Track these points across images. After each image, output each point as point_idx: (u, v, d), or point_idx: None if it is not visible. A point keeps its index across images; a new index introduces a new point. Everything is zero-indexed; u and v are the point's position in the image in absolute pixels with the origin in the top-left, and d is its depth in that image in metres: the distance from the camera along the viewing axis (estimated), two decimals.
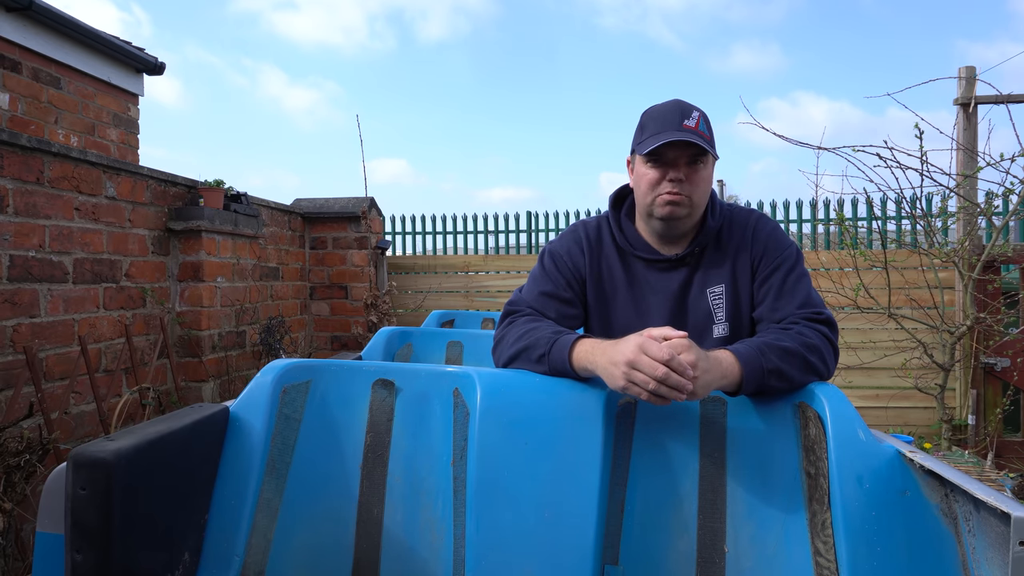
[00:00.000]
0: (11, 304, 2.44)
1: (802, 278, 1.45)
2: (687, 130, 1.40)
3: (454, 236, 6.21)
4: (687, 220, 1.47)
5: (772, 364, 1.24)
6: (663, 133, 1.40)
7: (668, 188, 1.43)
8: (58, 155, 2.66)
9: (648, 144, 1.41)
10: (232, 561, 1.21)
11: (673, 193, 1.42)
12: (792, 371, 1.26)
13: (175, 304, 3.42)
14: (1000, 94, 3.82)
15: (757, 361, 1.24)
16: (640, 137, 1.47)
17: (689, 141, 1.38)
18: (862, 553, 1.09)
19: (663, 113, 1.44)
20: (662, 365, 1.13)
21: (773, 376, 1.24)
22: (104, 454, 1.02)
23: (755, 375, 1.24)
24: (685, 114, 1.42)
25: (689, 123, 1.41)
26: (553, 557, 1.16)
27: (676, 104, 1.44)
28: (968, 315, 3.76)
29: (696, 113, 1.43)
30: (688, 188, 1.43)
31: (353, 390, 1.35)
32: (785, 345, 1.28)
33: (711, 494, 1.25)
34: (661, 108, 1.46)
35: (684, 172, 1.43)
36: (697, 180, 1.43)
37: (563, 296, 1.51)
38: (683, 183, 1.42)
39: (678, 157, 1.42)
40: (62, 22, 4.54)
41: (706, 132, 1.43)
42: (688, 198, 1.43)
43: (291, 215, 4.67)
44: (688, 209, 1.44)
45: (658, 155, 1.42)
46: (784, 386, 1.26)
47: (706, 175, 1.45)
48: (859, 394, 4.39)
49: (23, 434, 2.16)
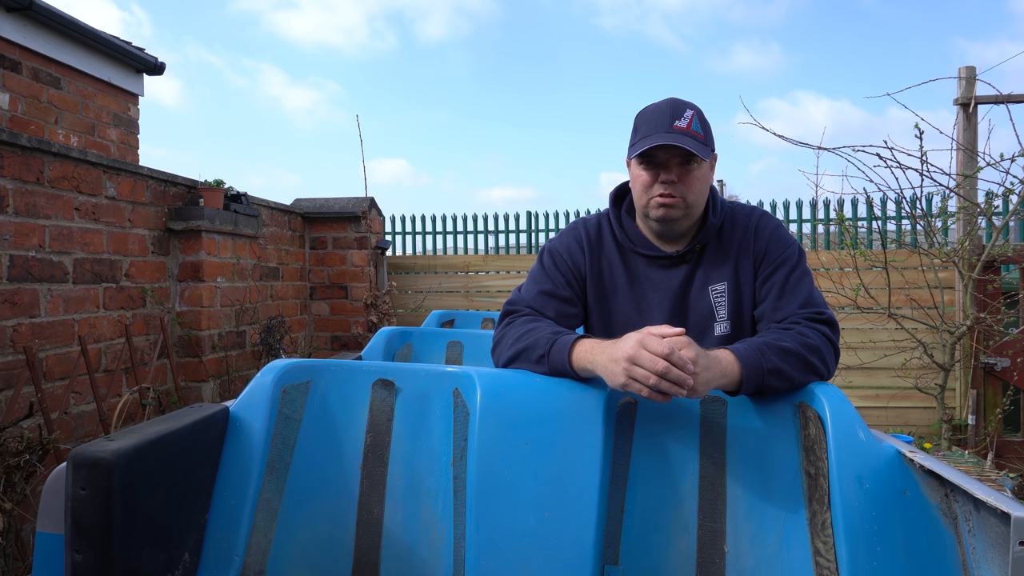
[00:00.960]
0: (11, 304, 2.44)
1: (804, 277, 1.44)
2: (677, 131, 1.39)
3: (454, 236, 6.21)
4: (684, 221, 1.46)
5: (772, 364, 1.24)
6: (653, 136, 1.39)
7: (660, 190, 1.42)
8: (58, 155, 2.66)
9: (638, 147, 1.41)
10: (232, 561, 1.21)
11: (665, 195, 1.41)
12: (792, 371, 1.26)
13: (175, 304, 3.43)
14: (1000, 94, 3.82)
15: (757, 361, 1.24)
16: (633, 139, 1.47)
17: (680, 145, 1.37)
18: (862, 553, 1.08)
19: (655, 114, 1.43)
20: (662, 360, 1.13)
21: (773, 376, 1.24)
22: (104, 454, 1.02)
23: (755, 374, 1.23)
24: (677, 114, 1.40)
25: (680, 123, 1.40)
26: (553, 557, 1.16)
27: (669, 104, 1.43)
28: (968, 315, 3.76)
29: (689, 112, 1.41)
30: (681, 189, 1.42)
31: (353, 390, 1.35)
32: (785, 345, 1.27)
33: (711, 494, 1.25)
34: (653, 108, 1.45)
35: (676, 173, 1.41)
36: (691, 180, 1.42)
37: (562, 295, 1.50)
38: (675, 184, 1.41)
39: (670, 158, 1.41)
40: (62, 22, 4.54)
41: (699, 131, 1.41)
42: (682, 199, 1.42)
43: (291, 215, 4.67)
44: (683, 210, 1.43)
45: (650, 157, 1.42)
46: (784, 386, 1.26)
47: (700, 174, 1.44)
48: (859, 394, 4.39)
49: (23, 434, 2.16)
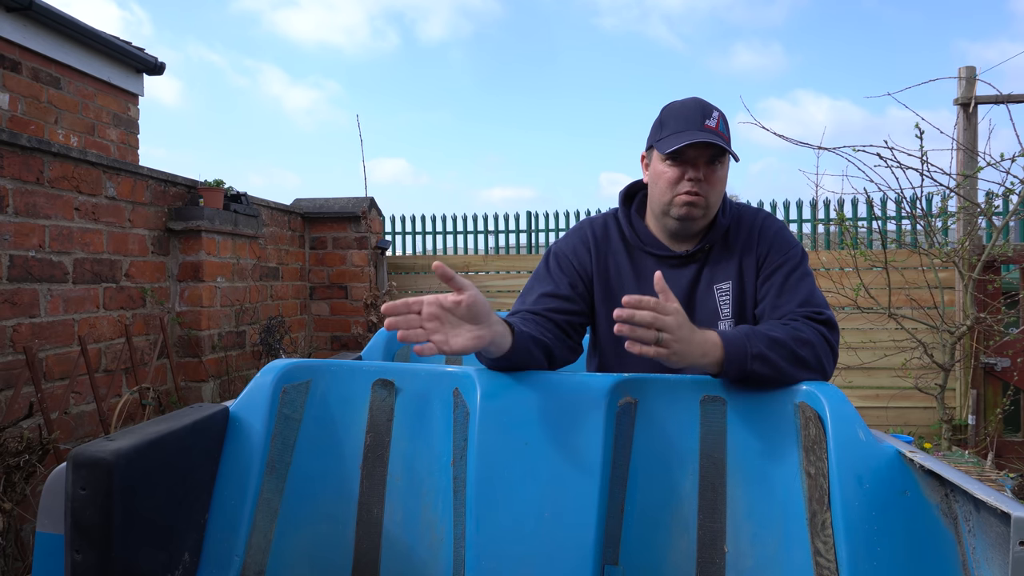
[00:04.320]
0: (11, 304, 2.44)
1: (805, 278, 1.44)
2: (709, 130, 1.40)
3: (454, 236, 6.21)
4: (702, 220, 1.47)
5: (756, 349, 1.22)
6: (686, 132, 1.40)
7: (687, 188, 1.42)
8: (58, 155, 2.66)
9: (671, 142, 1.40)
10: (232, 561, 1.21)
11: (692, 193, 1.42)
12: (778, 360, 1.24)
13: (175, 304, 3.42)
14: (1000, 94, 3.82)
15: (741, 343, 1.23)
16: (660, 134, 1.46)
17: (710, 142, 1.38)
18: (862, 553, 1.08)
19: (685, 111, 1.43)
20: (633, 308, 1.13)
21: (757, 362, 1.22)
22: (104, 454, 1.02)
23: (737, 357, 1.22)
24: (707, 114, 1.41)
25: (710, 123, 1.40)
26: (553, 557, 1.16)
27: (697, 103, 1.44)
28: (968, 315, 3.75)
29: (716, 113, 1.42)
30: (706, 188, 1.43)
31: (353, 390, 1.35)
32: (774, 335, 1.26)
33: (711, 494, 1.25)
34: (682, 105, 1.45)
35: (703, 172, 1.42)
36: (715, 180, 1.44)
37: (563, 294, 1.50)
38: (701, 183, 1.42)
39: (698, 157, 1.42)
40: (62, 22, 4.54)
41: (725, 132, 1.43)
42: (705, 199, 1.43)
43: (291, 215, 4.67)
44: (704, 210, 1.45)
45: (678, 154, 1.41)
46: (770, 374, 1.24)
47: (723, 175, 1.46)
48: (859, 394, 4.39)
49: (23, 434, 2.16)
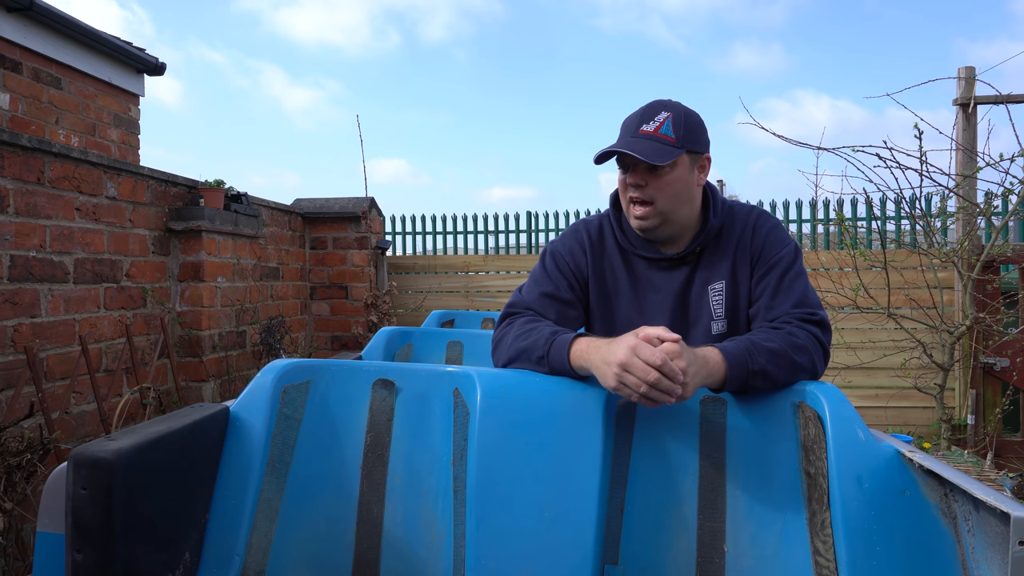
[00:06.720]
0: (12, 304, 2.44)
1: (799, 277, 1.44)
2: (641, 135, 1.39)
3: (454, 236, 6.21)
4: (664, 228, 1.45)
5: (758, 366, 1.25)
6: (618, 141, 1.41)
7: (631, 193, 1.42)
8: (59, 155, 2.66)
9: (599, 151, 1.41)
10: (232, 561, 1.21)
11: (636, 201, 1.42)
12: (778, 372, 1.27)
13: (175, 304, 3.43)
14: (1000, 94, 3.82)
15: (743, 361, 1.25)
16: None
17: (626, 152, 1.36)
18: (861, 553, 1.09)
19: (629, 118, 1.45)
20: (654, 370, 1.14)
21: (758, 378, 1.26)
22: (105, 454, 1.02)
23: (740, 374, 1.25)
24: (647, 117, 1.41)
25: (647, 127, 1.39)
26: (553, 557, 1.17)
27: (645, 108, 1.43)
28: (967, 315, 3.76)
29: (664, 114, 1.40)
30: (651, 193, 1.41)
31: (353, 390, 1.35)
32: (772, 346, 1.28)
33: (711, 494, 1.25)
34: (633, 112, 1.46)
35: (644, 178, 1.40)
36: (661, 185, 1.40)
37: (563, 297, 1.50)
38: (644, 188, 1.40)
39: (637, 163, 1.40)
40: (63, 22, 4.54)
41: (669, 133, 1.39)
42: (654, 205, 1.41)
43: (291, 215, 4.67)
44: (658, 218, 1.42)
45: (621, 161, 1.43)
46: (767, 387, 1.28)
47: (673, 178, 1.40)
48: (859, 394, 4.39)
49: (24, 434, 2.16)
